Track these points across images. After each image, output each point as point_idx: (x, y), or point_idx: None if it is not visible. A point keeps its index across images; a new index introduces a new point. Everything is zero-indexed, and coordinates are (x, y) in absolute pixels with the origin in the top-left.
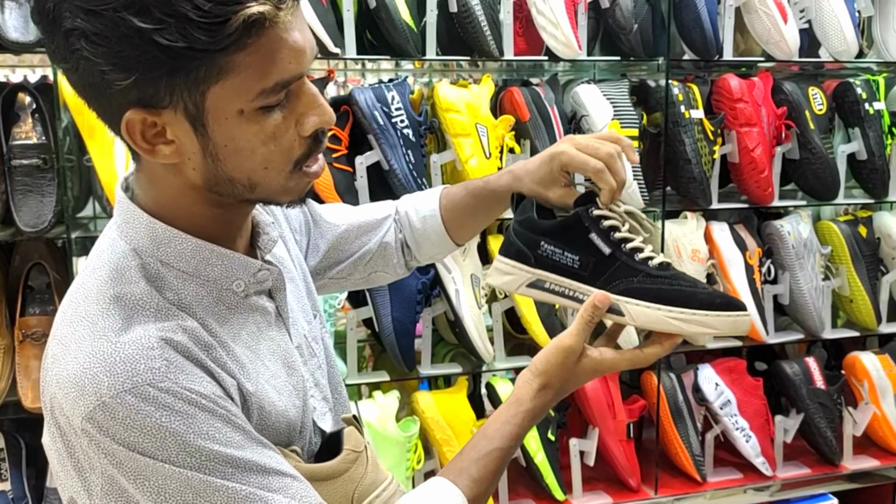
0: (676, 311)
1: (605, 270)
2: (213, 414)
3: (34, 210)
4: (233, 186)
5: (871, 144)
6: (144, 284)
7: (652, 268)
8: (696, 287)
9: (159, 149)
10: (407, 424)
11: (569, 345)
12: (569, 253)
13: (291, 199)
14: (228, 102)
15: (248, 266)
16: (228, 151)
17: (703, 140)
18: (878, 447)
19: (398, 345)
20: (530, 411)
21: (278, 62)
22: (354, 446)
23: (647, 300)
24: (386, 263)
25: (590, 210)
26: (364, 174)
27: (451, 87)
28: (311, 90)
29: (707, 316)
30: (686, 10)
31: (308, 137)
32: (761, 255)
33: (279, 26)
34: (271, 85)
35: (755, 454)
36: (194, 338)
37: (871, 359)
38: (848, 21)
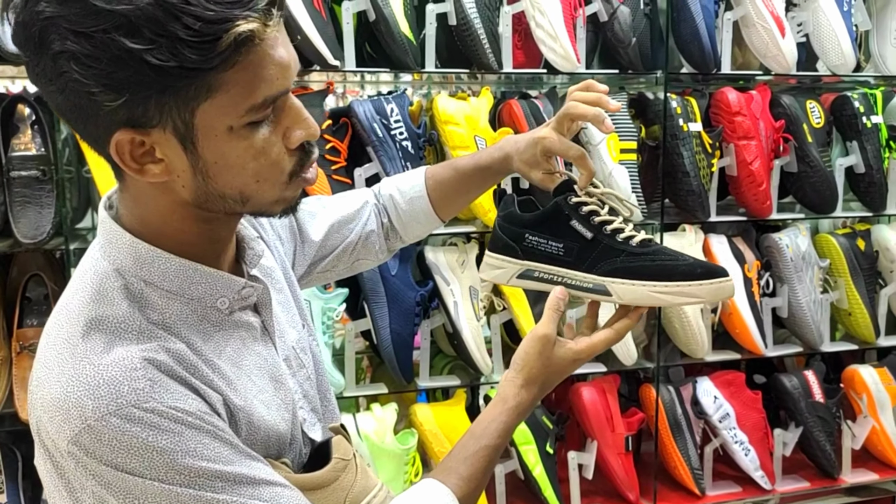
0: (661, 285)
1: (589, 254)
2: (199, 430)
3: (33, 221)
4: (224, 202)
5: (869, 158)
6: (126, 306)
7: (634, 246)
8: (676, 260)
9: (148, 168)
10: (405, 437)
11: (542, 333)
12: (553, 241)
13: (284, 208)
14: (218, 119)
15: (232, 284)
16: (219, 168)
17: (702, 153)
18: (876, 461)
19: (396, 357)
20: (515, 408)
21: (266, 78)
22: (343, 455)
23: (631, 278)
24: (368, 251)
25: (568, 198)
26: (363, 186)
27: (450, 99)
28: (295, 104)
29: (690, 286)
30: (684, 23)
31: (296, 150)
32: (760, 267)
33: (266, 42)
34: (260, 101)
35: (754, 468)
36: (177, 357)
37: (870, 372)
38: (845, 35)
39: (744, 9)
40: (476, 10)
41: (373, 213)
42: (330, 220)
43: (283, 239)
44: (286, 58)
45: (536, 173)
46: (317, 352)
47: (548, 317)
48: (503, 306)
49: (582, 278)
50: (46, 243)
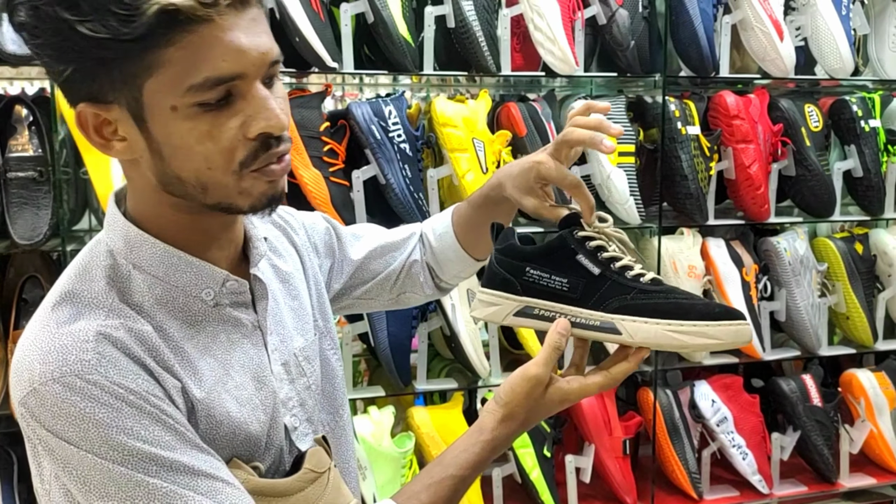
0: (675, 323)
1: (596, 291)
2: (141, 411)
3: (30, 223)
4: (183, 186)
5: (867, 161)
6: (104, 284)
7: (644, 283)
8: (692, 299)
9: (113, 144)
10: (402, 440)
11: (534, 374)
12: (556, 276)
13: (253, 204)
14: (162, 98)
15: (214, 275)
16: (170, 149)
17: (700, 156)
18: (874, 465)
19: (394, 360)
20: (490, 441)
21: (210, 59)
22: (315, 466)
23: (644, 315)
24: (413, 283)
25: (574, 231)
26: (361, 188)
27: (449, 102)
28: (261, 93)
29: (707, 326)
30: (683, 27)
31: (253, 140)
32: (758, 271)
33: (215, 24)
34: (200, 80)
35: (752, 471)
36: (139, 337)
37: (868, 376)
38: (843, 39)
39: (742, 12)
40: (475, 12)
41: (418, 246)
42: (373, 244)
43: (320, 252)
44: (243, 43)
45: (529, 200)
46: (335, 364)
47: (545, 355)
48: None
49: (588, 316)
50: (43, 244)
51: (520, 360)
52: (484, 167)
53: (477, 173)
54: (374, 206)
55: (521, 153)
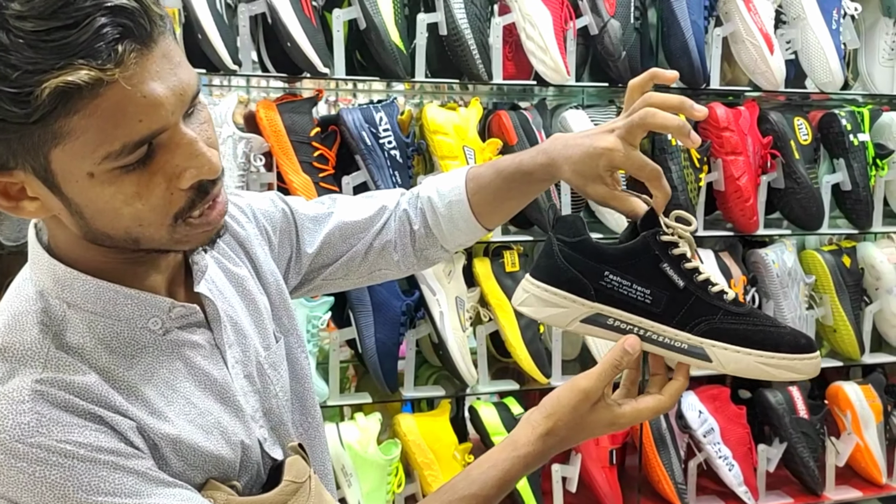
0: (767, 356)
1: (680, 307)
2: (95, 463)
3: (15, 224)
4: (113, 241)
5: (856, 175)
6: (37, 332)
7: (729, 304)
8: (777, 326)
9: (23, 205)
10: (388, 447)
11: (584, 387)
12: (638, 286)
13: (192, 247)
14: (75, 166)
15: (159, 304)
16: (92, 211)
17: (690, 167)
18: (860, 478)
19: (381, 366)
20: (523, 458)
21: (123, 123)
22: (295, 477)
23: (735, 343)
24: (387, 262)
25: (658, 234)
26: (351, 194)
27: (440, 109)
28: (186, 140)
29: (795, 360)
30: (674, 38)
31: (188, 190)
32: (746, 283)
33: (120, 84)
34: (118, 148)
35: (738, 483)
36: (80, 390)
37: (854, 389)
38: (833, 53)
39: (733, 25)
40: (467, 20)
41: (392, 221)
42: (329, 228)
43: (274, 240)
44: (158, 94)
45: (597, 188)
46: (303, 363)
47: (602, 371)
48: (489, 317)
49: (673, 335)
50: None
51: (508, 369)
52: None
53: None
54: None
55: None
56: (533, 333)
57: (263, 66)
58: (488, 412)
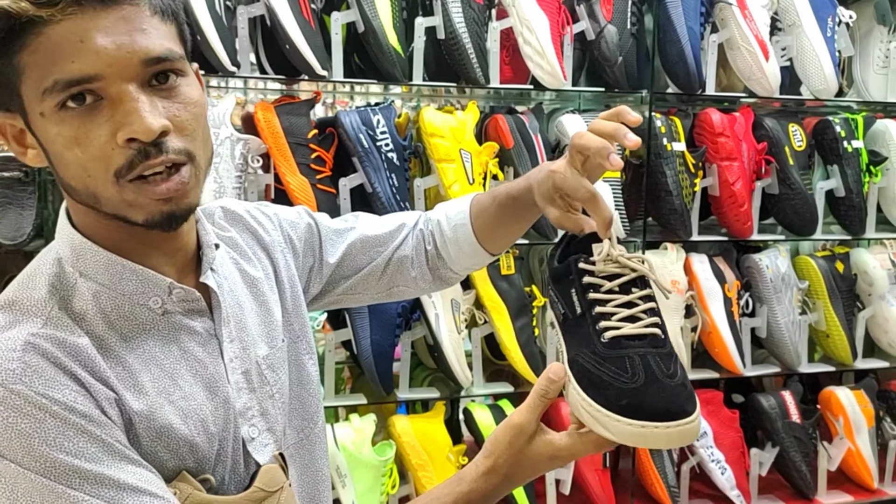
0: (594, 407)
1: (574, 331)
2: (65, 422)
3: (13, 223)
4: (77, 194)
5: (849, 182)
6: (45, 292)
7: (601, 342)
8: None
9: (28, 152)
10: (383, 448)
11: (517, 422)
12: (559, 303)
13: (147, 219)
14: (33, 104)
15: (159, 283)
16: (52, 155)
17: (685, 172)
18: (852, 482)
19: (376, 368)
20: (466, 494)
21: (58, 61)
22: (266, 485)
23: (580, 383)
24: (404, 278)
25: (579, 259)
26: (347, 196)
27: (437, 112)
28: (131, 98)
29: (614, 421)
30: (670, 44)
31: (126, 147)
32: (740, 287)
33: (64, 25)
34: (51, 84)
35: (730, 486)
36: (71, 349)
37: (847, 394)
38: (828, 60)
39: (729, 32)
40: (464, 24)
41: (410, 238)
42: (353, 238)
43: (298, 250)
44: (100, 43)
45: (551, 210)
46: (310, 369)
47: (531, 403)
48: (484, 319)
49: (564, 354)
50: (27, 245)
51: (502, 371)
52: (470, 178)
53: (463, 184)
54: None
55: (508, 165)
56: (527, 336)
57: (262, 68)
58: (483, 414)
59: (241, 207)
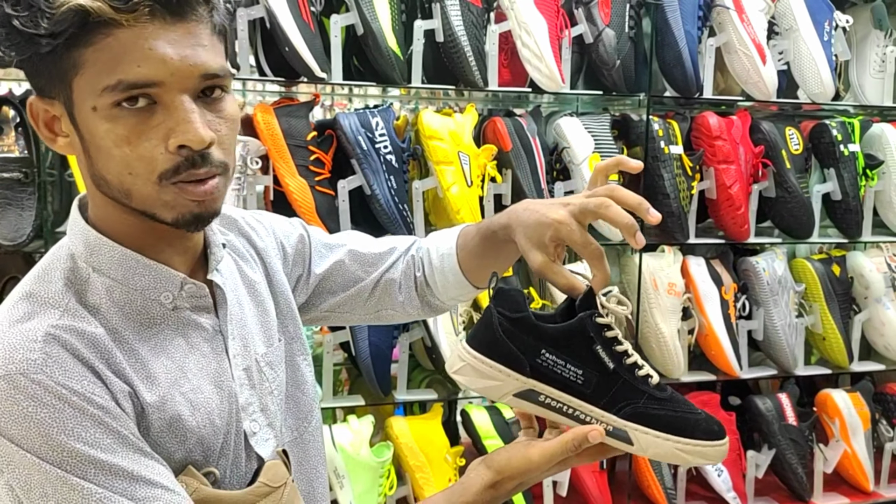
0: (683, 441)
1: (608, 389)
2: (82, 413)
3: (13, 223)
4: (109, 188)
5: (846, 185)
6: (61, 285)
7: (653, 388)
8: (694, 412)
9: (59, 140)
10: (380, 450)
11: (535, 461)
12: (572, 366)
13: (176, 218)
14: (85, 96)
15: (172, 278)
16: (94, 149)
17: (682, 175)
18: (848, 485)
19: (374, 369)
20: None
21: (125, 63)
22: (270, 480)
23: (656, 428)
24: (392, 302)
25: (594, 316)
26: (346, 198)
27: (435, 114)
28: (184, 106)
29: (707, 447)
30: (668, 48)
31: (176, 154)
32: (736, 290)
33: (135, 31)
34: (114, 83)
35: (727, 488)
36: (90, 340)
37: (843, 397)
38: (825, 64)
39: (726, 35)
40: (463, 27)
41: (400, 262)
42: (341, 255)
43: (289, 258)
44: (166, 53)
45: (538, 256)
46: (304, 370)
47: (556, 449)
48: None
49: (599, 416)
50: (26, 245)
51: None
52: (469, 180)
53: (462, 186)
54: (359, 216)
55: (506, 168)
56: None
57: (261, 70)
58: (480, 416)
59: (237, 213)
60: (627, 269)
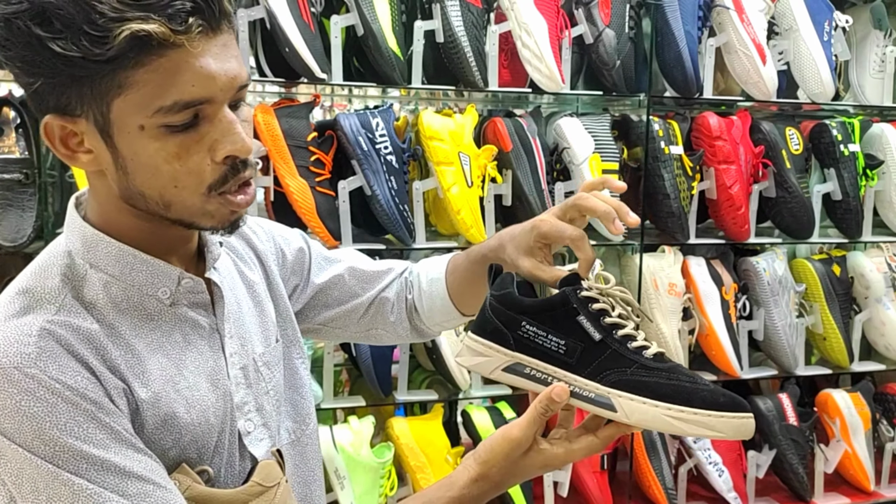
0: (676, 408)
1: (594, 358)
2: (76, 408)
3: (14, 224)
4: (145, 202)
5: (846, 185)
6: (58, 281)
7: (647, 358)
8: (696, 382)
9: (79, 156)
10: (381, 450)
11: (516, 437)
12: (553, 336)
13: (214, 225)
14: (130, 117)
15: (170, 273)
16: (135, 165)
17: (682, 176)
18: (848, 485)
19: (375, 370)
20: (457, 499)
21: (179, 83)
22: (263, 480)
23: (642, 395)
24: (383, 321)
25: (578, 290)
26: (346, 199)
27: (436, 115)
28: (228, 118)
29: (709, 416)
30: (668, 48)
31: (222, 164)
32: (737, 290)
33: (185, 50)
34: (169, 104)
35: (727, 489)
36: (85, 335)
37: (843, 397)
38: (825, 64)
39: (726, 36)
40: (463, 28)
41: (396, 283)
42: (340, 270)
43: (288, 266)
44: (213, 69)
45: (526, 261)
46: (302, 373)
47: (530, 418)
48: None
49: (583, 385)
50: (27, 246)
51: None
52: (469, 181)
53: (462, 187)
54: (359, 217)
55: (507, 168)
56: None
57: (261, 71)
58: (481, 416)
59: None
60: (628, 269)
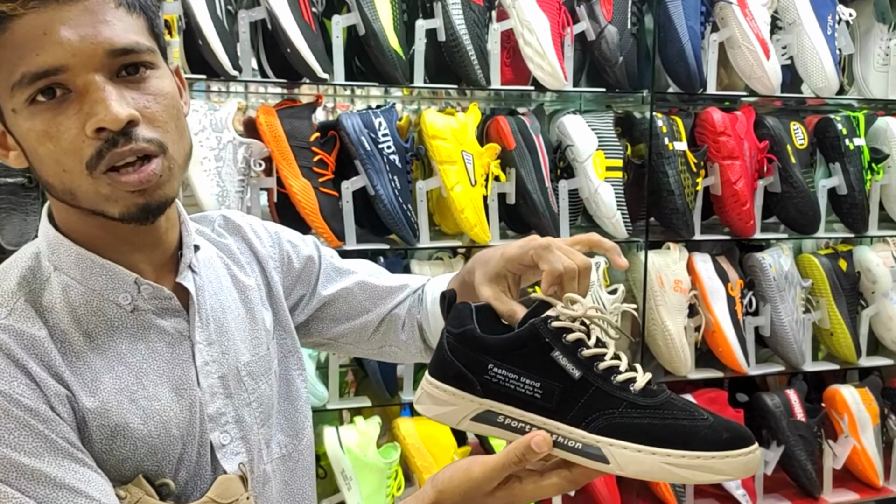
0: (675, 454)
1: (576, 400)
2: (7, 414)
3: (17, 228)
4: (55, 191)
5: (852, 179)
6: (15, 283)
7: (635, 394)
8: (694, 418)
9: (10, 153)
10: (388, 451)
11: (477, 477)
12: (526, 379)
13: (122, 212)
14: (3, 101)
15: (126, 278)
16: (29, 153)
17: (687, 172)
18: (857, 481)
19: (380, 370)
20: None
21: (24, 55)
22: (219, 496)
23: (636, 441)
24: (395, 339)
25: (548, 321)
26: (350, 199)
27: (438, 114)
28: (98, 89)
29: (713, 459)
30: (671, 44)
31: (95, 139)
32: (743, 286)
33: (29, 19)
34: (18, 78)
35: (736, 486)
36: (27, 341)
37: (851, 392)
38: (829, 58)
39: (729, 31)
40: (465, 26)
41: (409, 300)
42: (351, 282)
43: (294, 274)
44: (64, 35)
45: (486, 289)
46: (298, 385)
47: (499, 463)
48: None
49: (567, 433)
50: None
51: None
52: (472, 180)
53: (465, 186)
54: (363, 217)
55: (510, 167)
56: None
57: (263, 73)
58: None
59: (244, 220)
60: (633, 266)
